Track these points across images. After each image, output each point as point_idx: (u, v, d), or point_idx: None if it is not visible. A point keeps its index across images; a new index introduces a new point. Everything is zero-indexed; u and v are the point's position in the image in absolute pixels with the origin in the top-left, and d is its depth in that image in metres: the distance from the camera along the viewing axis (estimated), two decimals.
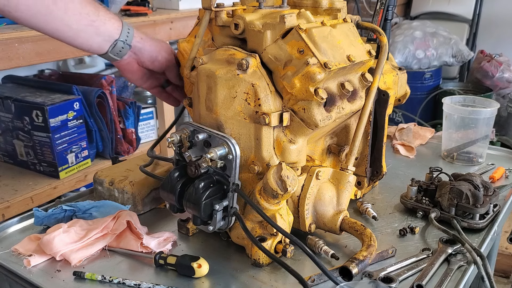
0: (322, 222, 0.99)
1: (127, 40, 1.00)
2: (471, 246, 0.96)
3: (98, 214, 1.07)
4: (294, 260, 0.96)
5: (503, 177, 1.36)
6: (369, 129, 1.12)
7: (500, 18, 3.91)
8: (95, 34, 0.97)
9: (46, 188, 1.86)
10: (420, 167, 1.40)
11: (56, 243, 0.94)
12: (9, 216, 1.71)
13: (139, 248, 0.97)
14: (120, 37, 0.99)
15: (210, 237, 1.03)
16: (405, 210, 1.16)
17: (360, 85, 0.99)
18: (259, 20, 0.93)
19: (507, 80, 3.58)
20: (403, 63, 3.58)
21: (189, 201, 0.90)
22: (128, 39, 1.01)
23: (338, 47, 0.92)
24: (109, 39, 0.99)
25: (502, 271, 2.36)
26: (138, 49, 1.03)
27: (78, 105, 1.87)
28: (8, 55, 1.63)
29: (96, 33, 0.97)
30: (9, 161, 2.01)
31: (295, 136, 0.93)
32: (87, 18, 0.95)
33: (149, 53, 1.05)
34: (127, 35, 1.00)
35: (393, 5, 1.15)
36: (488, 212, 1.09)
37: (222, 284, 0.90)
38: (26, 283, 0.91)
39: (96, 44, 0.99)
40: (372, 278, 0.90)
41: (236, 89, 0.90)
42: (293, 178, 0.86)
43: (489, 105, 1.44)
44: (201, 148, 0.95)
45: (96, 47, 0.99)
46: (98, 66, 2.78)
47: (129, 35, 1.01)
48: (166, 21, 2.29)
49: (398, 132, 1.58)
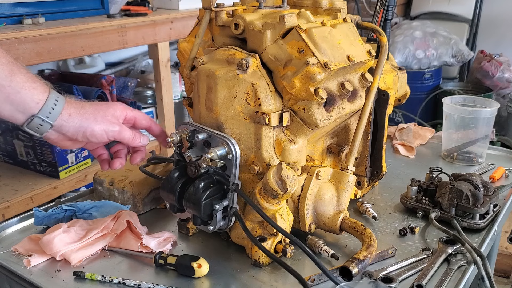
0: (322, 222, 0.99)
1: (49, 118, 0.83)
2: (471, 246, 0.96)
3: (98, 214, 1.07)
4: (294, 260, 0.96)
5: (503, 177, 1.36)
6: (369, 129, 1.12)
7: (500, 18, 3.91)
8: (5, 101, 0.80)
9: (46, 188, 1.86)
10: (420, 167, 1.40)
11: (56, 243, 0.94)
12: (9, 216, 1.71)
13: (139, 248, 0.97)
14: (39, 113, 0.82)
15: (210, 237, 1.03)
16: (405, 210, 1.16)
17: (360, 85, 0.99)
18: (259, 20, 0.93)
19: (507, 80, 3.58)
20: (403, 63, 3.58)
21: (189, 201, 0.90)
22: (51, 117, 0.83)
23: (338, 47, 0.92)
24: (24, 111, 0.82)
25: (502, 271, 2.36)
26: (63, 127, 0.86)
27: None
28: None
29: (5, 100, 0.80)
30: (9, 161, 2.01)
31: (295, 136, 0.93)
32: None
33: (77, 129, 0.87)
34: (50, 111, 0.83)
35: (393, 5, 1.15)
36: (488, 212, 1.09)
37: (222, 284, 0.90)
38: (26, 283, 0.91)
39: (6, 112, 0.82)
40: (372, 278, 0.90)
41: (236, 89, 0.90)
42: (293, 178, 0.86)
43: (489, 105, 1.44)
44: (201, 148, 0.95)
45: (7, 116, 0.83)
46: (98, 66, 2.78)
47: (54, 111, 0.83)
48: (166, 21, 2.29)
49: (398, 132, 1.58)
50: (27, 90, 0.81)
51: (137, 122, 0.96)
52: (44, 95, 0.83)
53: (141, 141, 0.96)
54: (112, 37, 2.05)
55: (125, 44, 2.11)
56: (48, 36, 1.79)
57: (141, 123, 0.97)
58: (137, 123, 0.97)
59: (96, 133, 0.88)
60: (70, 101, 0.87)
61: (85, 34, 1.93)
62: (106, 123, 0.89)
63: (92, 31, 1.95)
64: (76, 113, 0.86)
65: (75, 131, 0.87)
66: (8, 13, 1.86)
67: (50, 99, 0.83)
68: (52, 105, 0.84)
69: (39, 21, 1.87)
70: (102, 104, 0.91)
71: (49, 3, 2.00)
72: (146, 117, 0.98)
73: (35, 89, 0.82)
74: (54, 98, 0.84)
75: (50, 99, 0.83)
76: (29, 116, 0.83)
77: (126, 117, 0.94)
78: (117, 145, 0.97)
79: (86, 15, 2.14)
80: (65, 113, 0.85)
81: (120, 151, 0.98)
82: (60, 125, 0.85)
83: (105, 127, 0.89)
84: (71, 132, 0.87)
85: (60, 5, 2.04)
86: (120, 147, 0.98)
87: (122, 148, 0.98)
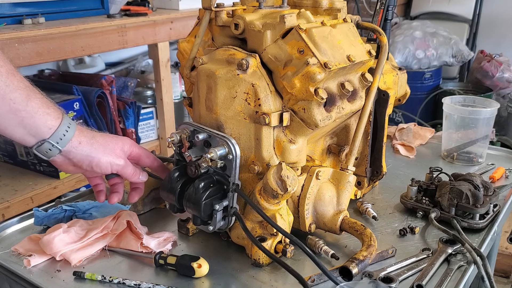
0: (322, 222, 0.99)
1: (59, 143, 0.85)
2: (471, 246, 0.96)
3: (98, 214, 1.07)
4: (294, 260, 0.96)
5: (503, 177, 1.36)
6: (369, 129, 1.12)
7: (500, 18, 3.91)
8: (18, 125, 0.82)
9: (46, 188, 1.86)
10: (420, 167, 1.40)
11: (56, 243, 0.94)
12: (9, 216, 1.71)
13: (139, 248, 0.97)
14: (50, 138, 0.84)
15: (210, 237, 1.03)
16: (405, 210, 1.16)
17: (360, 85, 0.99)
18: (259, 20, 0.93)
19: (507, 80, 3.58)
20: (403, 63, 3.58)
21: (189, 201, 0.90)
22: (61, 143, 0.85)
23: (338, 47, 0.92)
24: (36, 135, 0.84)
25: (502, 271, 2.36)
26: (70, 153, 0.87)
27: (78, 105, 1.87)
28: (8, 55, 1.62)
29: (19, 123, 0.82)
30: (9, 161, 2.01)
31: (295, 136, 0.93)
32: (11, 105, 0.80)
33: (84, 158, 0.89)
34: (61, 137, 0.85)
35: (393, 5, 1.15)
36: (488, 212, 1.09)
37: (222, 284, 0.90)
38: (26, 283, 0.91)
39: (18, 135, 0.84)
40: (372, 278, 0.90)
41: (236, 89, 0.90)
42: (293, 178, 0.86)
43: (489, 105, 1.44)
44: (201, 148, 0.95)
45: (18, 138, 0.84)
46: (98, 66, 2.78)
47: (65, 137, 0.85)
48: (166, 21, 2.29)
49: (398, 132, 1.58)
50: (41, 115, 0.83)
51: (141, 159, 0.98)
52: (57, 121, 0.85)
53: (140, 178, 0.98)
54: (112, 37, 2.05)
55: (125, 44, 2.11)
56: (48, 36, 1.79)
57: (145, 161, 0.99)
58: (141, 160, 0.98)
59: (101, 164, 0.90)
60: (82, 129, 0.89)
61: (85, 34, 1.93)
62: (113, 156, 0.91)
63: (92, 31, 1.95)
64: (86, 142, 0.88)
65: (81, 159, 0.89)
66: (8, 13, 1.86)
67: (62, 125, 0.85)
68: (64, 131, 0.85)
69: (39, 21, 1.87)
70: (113, 137, 0.93)
71: (49, 3, 2.00)
72: (150, 155, 1.00)
73: (49, 114, 0.84)
74: (66, 125, 0.86)
75: (62, 125, 0.85)
76: (40, 140, 0.84)
77: (131, 154, 0.96)
78: (115, 178, 0.98)
79: (86, 15, 2.14)
80: (75, 140, 0.87)
81: (118, 184, 0.99)
82: (69, 151, 0.87)
83: (111, 160, 0.91)
84: (77, 159, 0.88)
85: (60, 5, 2.04)
86: (118, 180, 0.99)
87: (120, 181, 0.99)
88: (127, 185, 1.12)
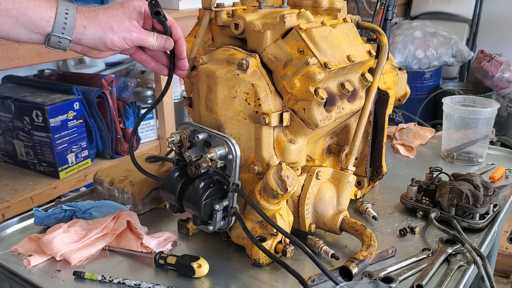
0: (322, 222, 0.99)
1: (64, 33, 0.81)
2: (471, 246, 0.96)
3: (98, 214, 1.07)
4: (294, 260, 0.96)
5: (503, 177, 1.36)
6: (369, 129, 1.12)
7: (500, 18, 3.91)
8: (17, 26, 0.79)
9: (46, 188, 1.86)
10: (420, 167, 1.40)
11: (56, 243, 0.94)
12: (9, 216, 1.71)
13: (139, 248, 0.97)
14: (53, 31, 0.80)
15: (210, 237, 1.03)
16: (405, 210, 1.16)
17: (360, 85, 0.99)
18: (259, 20, 0.93)
19: (507, 80, 3.58)
20: (403, 63, 3.58)
21: (189, 201, 0.90)
22: (66, 32, 0.81)
23: (338, 47, 0.92)
24: (39, 31, 0.81)
25: (502, 271, 2.36)
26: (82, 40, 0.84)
27: (78, 105, 1.87)
28: (8, 55, 1.63)
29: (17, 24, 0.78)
30: (9, 161, 2.01)
31: (295, 136, 0.93)
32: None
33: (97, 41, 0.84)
34: (63, 26, 0.81)
35: (393, 5, 1.15)
36: (488, 212, 1.09)
37: (222, 284, 0.90)
38: (26, 283, 0.91)
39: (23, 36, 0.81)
40: (372, 278, 0.90)
41: (236, 89, 0.90)
42: (293, 178, 0.86)
43: (489, 105, 1.44)
44: (201, 148, 0.95)
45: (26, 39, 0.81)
46: (98, 66, 2.78)
47: (67, 25, 0.81)
48: None
49: (398, 132, 1.58)
50: (32, 9, 0.79)
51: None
52: (52, 11, 0.80)
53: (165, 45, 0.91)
54: None
55: None
56: None
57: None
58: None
59: (116, 43, 0.86)
60: (82, 11, 0.84)
61: None
62: (123, 31, 0.86)
63: None
64: (90, 24, 0.83)
65: (94, 43, 0.85)
66: None
67: (59, 14, 0.81)
68: (63, 20, 0.81)
69: None
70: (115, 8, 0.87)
71: None
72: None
73: (40, 6, 0.80)
74: (63, 12, 0.81)
75: (59, 14, 0.81)
76: (45, 35, 0.81)
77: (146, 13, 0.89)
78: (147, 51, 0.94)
79: None
80: (79, 25, 0.82)
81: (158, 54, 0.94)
82: (79, 39, 0.83)
83: (123, 35, 0.86)
84: (92, 44, 0.85)
85: None
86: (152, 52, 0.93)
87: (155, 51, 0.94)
88: (127, 185, 1.12)
